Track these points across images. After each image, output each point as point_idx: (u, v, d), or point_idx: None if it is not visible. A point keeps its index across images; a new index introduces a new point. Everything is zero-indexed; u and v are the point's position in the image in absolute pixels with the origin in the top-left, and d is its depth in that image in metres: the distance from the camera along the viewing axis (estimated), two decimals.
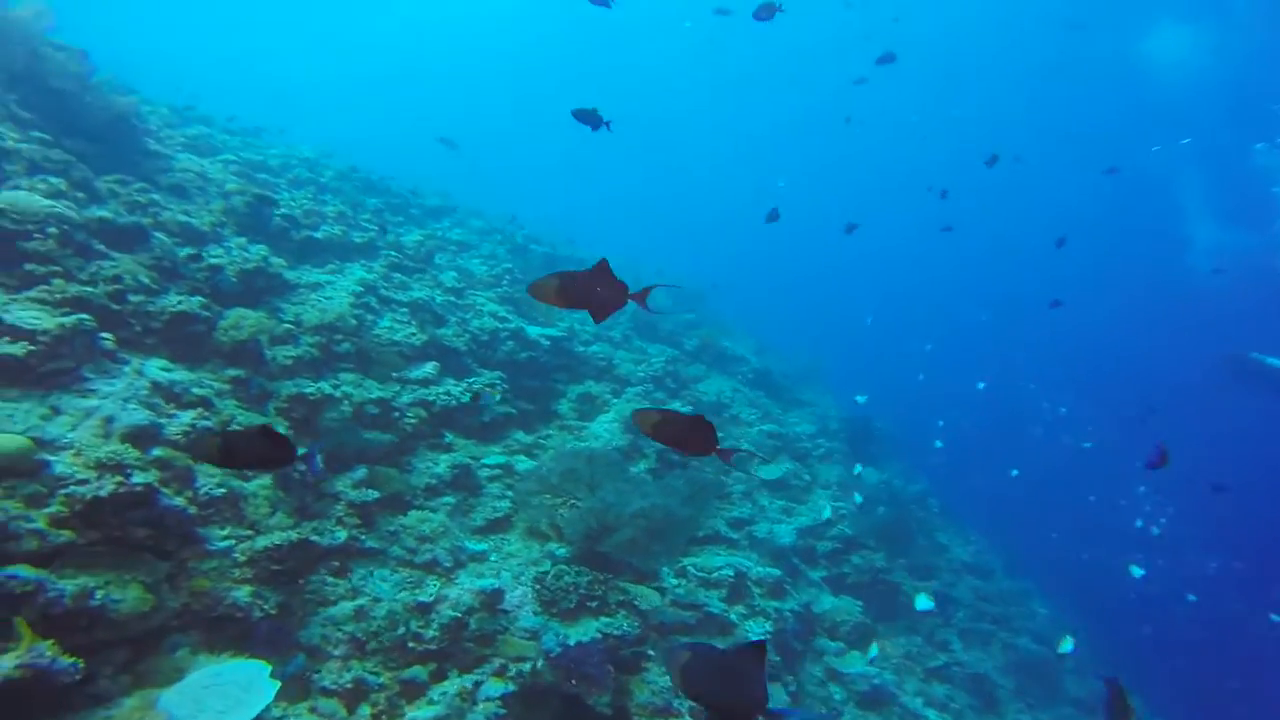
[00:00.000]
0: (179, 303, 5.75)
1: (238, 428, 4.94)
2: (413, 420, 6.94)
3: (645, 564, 6.41)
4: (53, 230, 5.36)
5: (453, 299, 9.84)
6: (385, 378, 7.27)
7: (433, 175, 19.51)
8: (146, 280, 5.75)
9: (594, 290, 2.97)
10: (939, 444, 19.16)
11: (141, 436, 4.41)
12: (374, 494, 5.74)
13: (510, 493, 6.93)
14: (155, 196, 7.19)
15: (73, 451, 4.13)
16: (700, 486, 6.98)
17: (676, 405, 11.38)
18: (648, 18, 39.99)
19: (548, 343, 10.18)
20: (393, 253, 10.07)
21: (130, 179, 7.27)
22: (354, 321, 7.34)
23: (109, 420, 4.40)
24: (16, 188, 5.77)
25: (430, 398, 7.41)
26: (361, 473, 5.92)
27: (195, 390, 5.16)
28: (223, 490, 4.53)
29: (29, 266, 5.14)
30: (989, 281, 45.32)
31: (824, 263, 48.98)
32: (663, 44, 47.48)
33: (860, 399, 16.54)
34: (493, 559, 6.19)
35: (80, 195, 6.29)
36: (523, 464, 7.48)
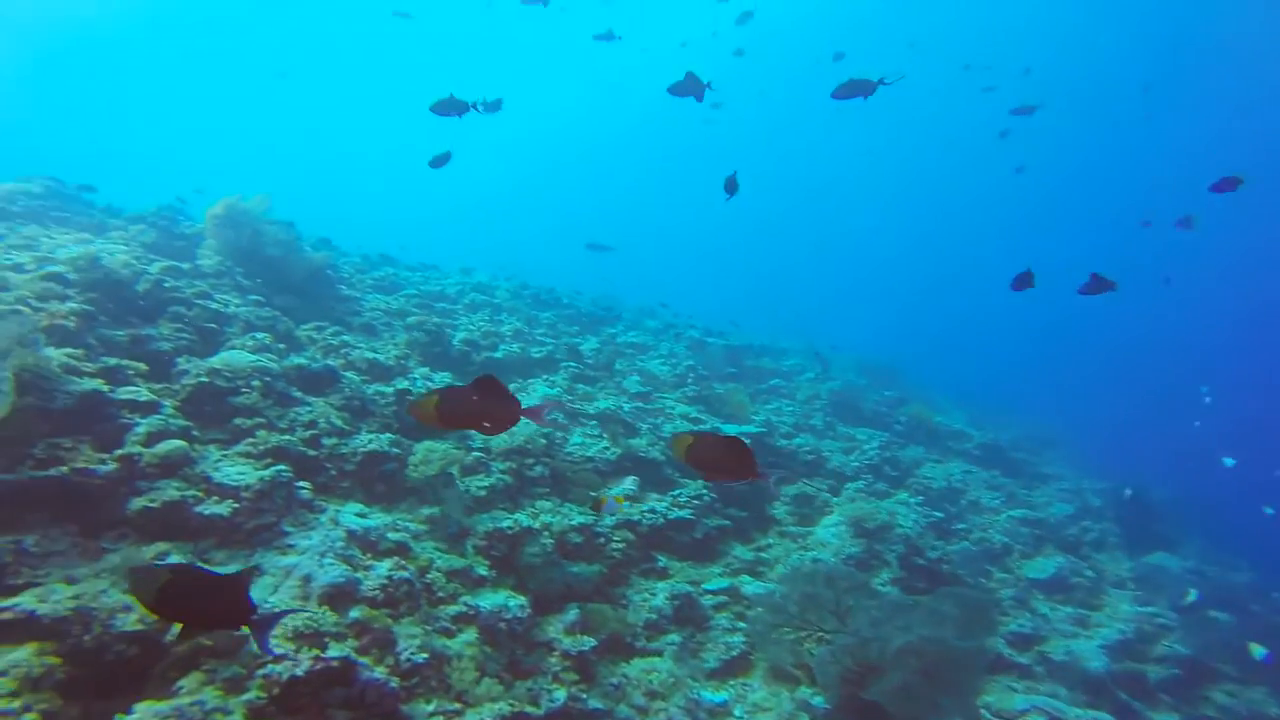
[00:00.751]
0: (370, 442, 5.42)
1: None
2: (619, 545, 6.09)
3: (930, 717, 4.94)
4: (256, 383, 5.26)
5: (640, 405, 9.17)
6: (584, 499, 6.54)
7: (585, 277, 19.81)
8: (339, 422, 5.50)
9: (480, 408, 2.75)
10: (1268, 510, 15.41)
11: (339, 596, 3.86)
12: (590, 641, 4.84)
13: (742, 624, 5.78)
14: (347, 338, 7.21)
15: None
16: (974, 606, 5.45)
17: (904, 495, 9.80)
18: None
19: (749, 441, 9.14)
20: (573, 363, 9.68)
21: (325, 324, 7.38)
22: (544, 441, 6.77)
23: (307, 580, 3.90)
24: (232, 347, 5.86)
25: (634, 517, 6.56)
26: (573, 614, 5.08)
27: (391, 535, 4.65)
28: (425, 655, 3.84)
29: (237, 420, 5.01)
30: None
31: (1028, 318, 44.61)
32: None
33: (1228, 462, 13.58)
34: (737, 713, 5.02)
35: (281, 346, 6.32)
36: (749, 586, 6.33)
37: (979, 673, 5.29)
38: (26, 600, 3.07)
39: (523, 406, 2.84)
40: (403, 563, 4.36)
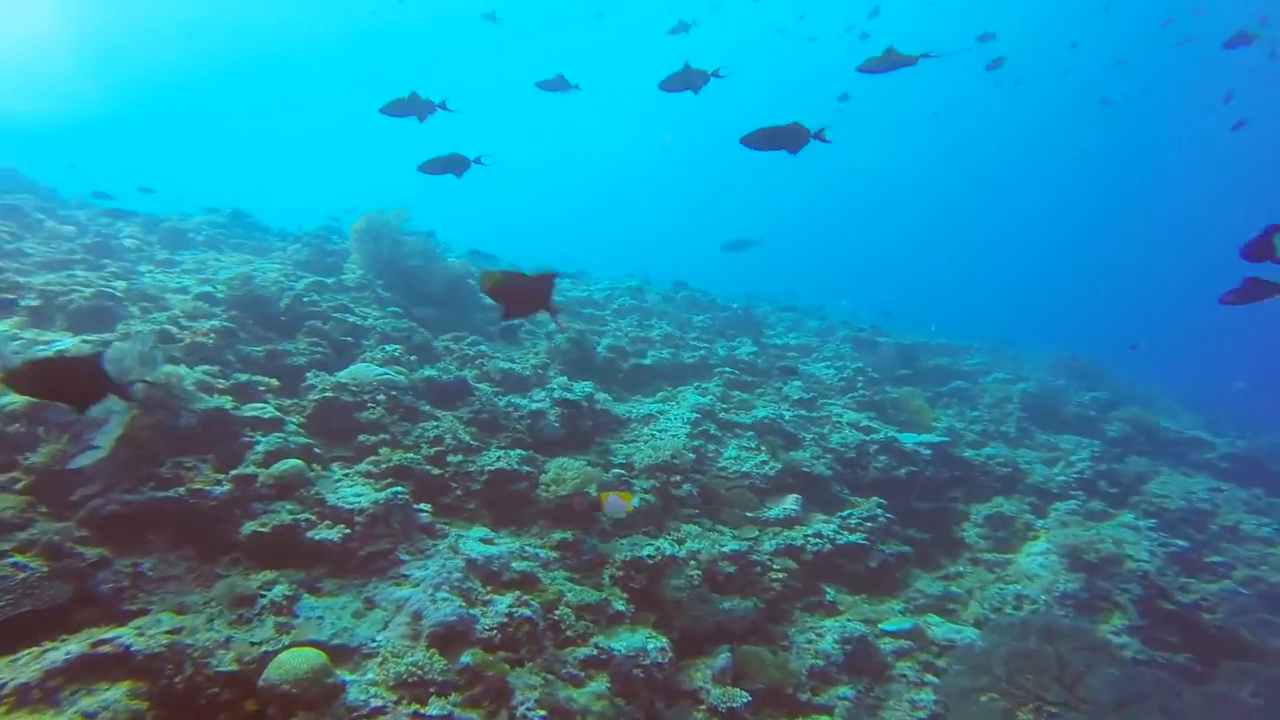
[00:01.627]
0: (498, 459, 5.03)
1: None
2: (779, 574, 5.29)
3: None
4: (381, 398, 5.06)
5: (803, 413, 8.27)
6: (738, 521, 5.81)
7: (722, 275, 18.87)
8: (466, 437, 5.18)
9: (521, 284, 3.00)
10: None
11: (451, 637, 3.44)
12: (742, 695, 4.10)
13: (931, 677, 4.76)
14: (484, 348, 6.99)
15: (378, 662, 3.26)
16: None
17: (1130, 517, 8.10)
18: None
19: (929, 452, 7.96)
20: (729, 369, 8.96)
21: (465, 334, 7.22)
22: (692, 456, 6.12)
23: (418, 616, 3.52)
24: (363, 360, 5.77)
25: (798, 542, 5.72)
26: (724, 658, 4.36)
27: (517, 565, 4.20)
28: (543, 712, 3.30)
29: (361, 437, 4.82)
30: None
31: None
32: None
33: None
34: None
35: (414, 358, 6.16)
36: (938, 628, 5.27)
37: None
38: (126, 634, 2.89)
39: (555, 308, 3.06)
40: (525, 598, 3.87)
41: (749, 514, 5.93)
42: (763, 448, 6.82)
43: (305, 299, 6.13)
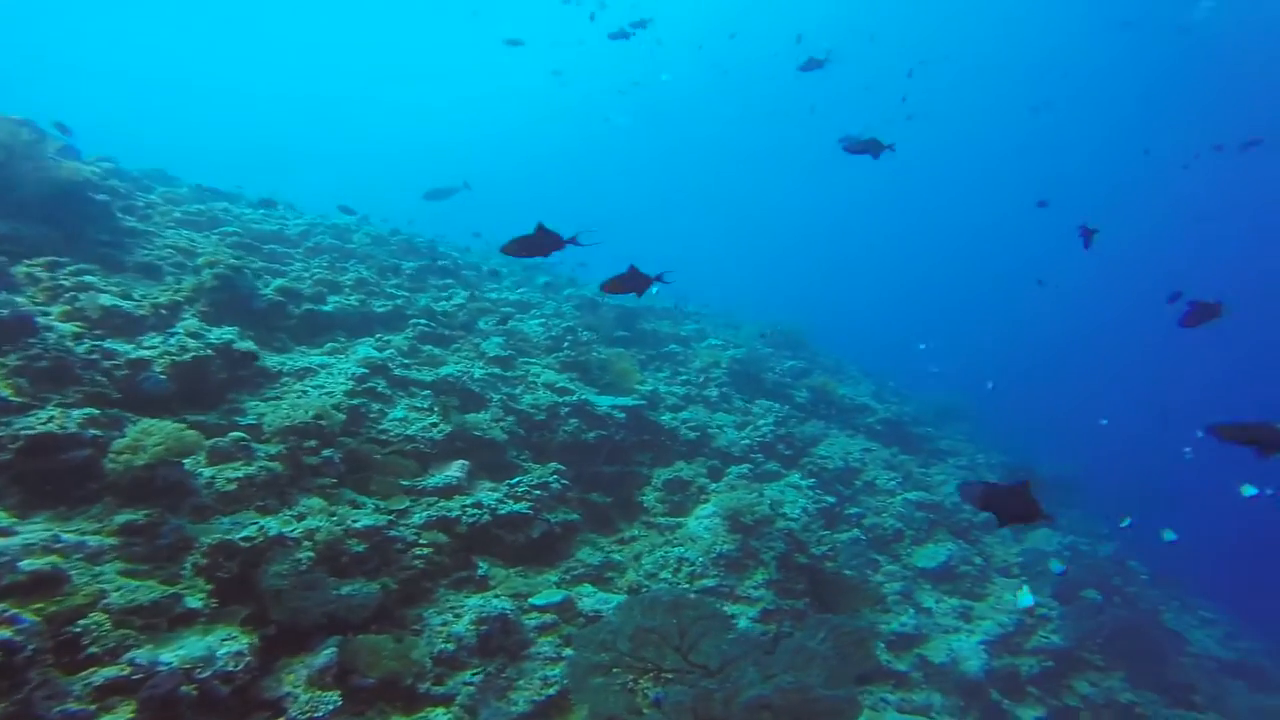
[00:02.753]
0: (47, 421, 3.88)
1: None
2: (425, 550, 4.78)
3: None
4: None
5: (498, 371, 7.81)
6: (390, 491, 5.19)
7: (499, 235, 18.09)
8: (6, 393, 3.94)
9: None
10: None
11: None
12: (332, 699, 3.53)
13: (569, 651, 4.59)
14: (93, 279, 5.54)
15: None
16: (849, 638, 4.42)
17: (796, 477, 8.84)
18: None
19: (623, 415, 7.95)
20: (423, 321, 8.21)
21: (68, 261, 5.68)
22: (342, 416, 5.35)
23: None
24: None
25: (454, 512, 5.25)
26: (327, 654, 3.76)
27: (30, 562, 3.19)
28: None
29: None
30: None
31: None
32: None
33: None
34: None
35: None
36: (589, 599, 5.14)
37: None
38: None
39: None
40: (13, 613, 2.90)
41: (405, 482, 5.34)
42: (435, 409, 6.24)
43: None
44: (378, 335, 7.36)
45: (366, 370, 6.30)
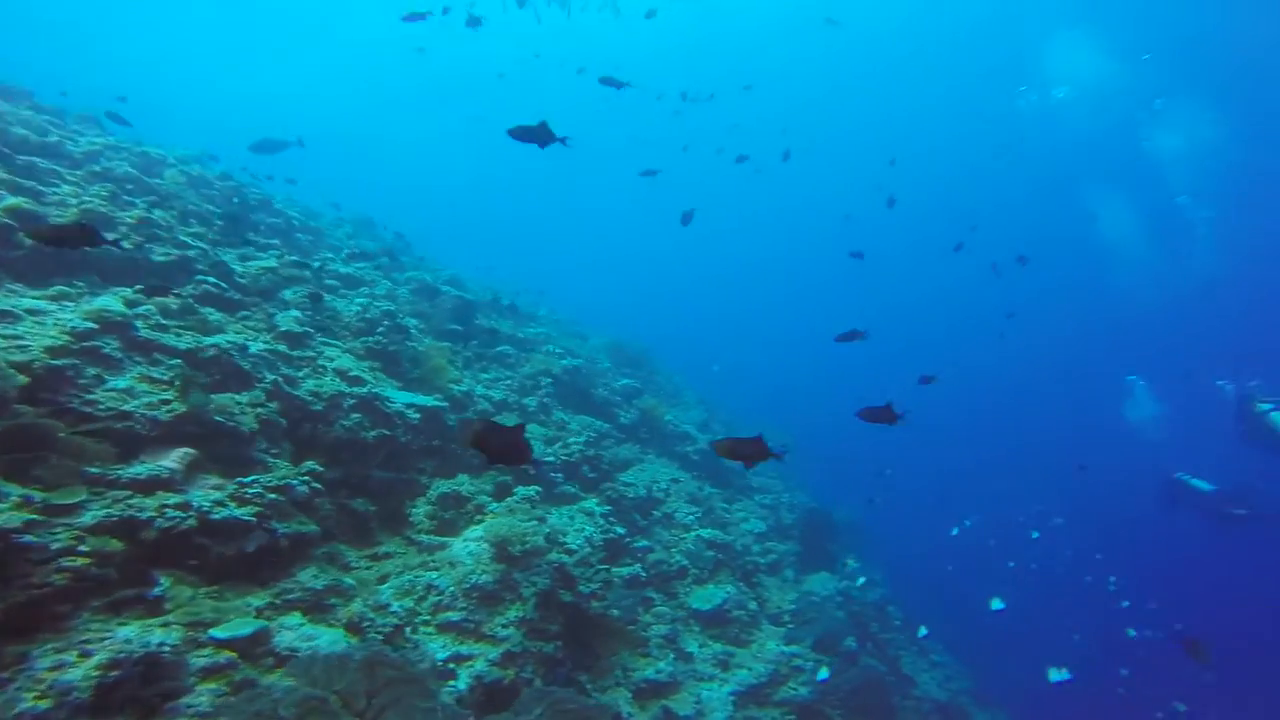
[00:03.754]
0: None
1: None
2: (79, 563, 3.75)
3: None
4: None
5: (283, 348, 6.74)
6: (66, 479, 4.10)
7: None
8: None
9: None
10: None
11: None
12: None
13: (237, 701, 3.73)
14: None
15: None
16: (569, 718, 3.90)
17: (593, 503, 8.34)
18: None
19: (417, 416, 7.12)
20: (212, 279, 6.99)
21: None
22: (23, 379, 4.21)
23: None
24: None
25: (147, 514, 4.24)
26: None
27: None
28: None
29: None
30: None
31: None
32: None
33: None
34: None
35: None
36: (291, 633, 4.29)
37: None
38: None
39: None
40: None
41: (92, 470, 4.27)
42: (176, 383, 5.16)
43: None
44: (139, 287, 6.10)
45: (94, 326, 5.10)
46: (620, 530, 7.89)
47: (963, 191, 40.56)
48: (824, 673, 7.52)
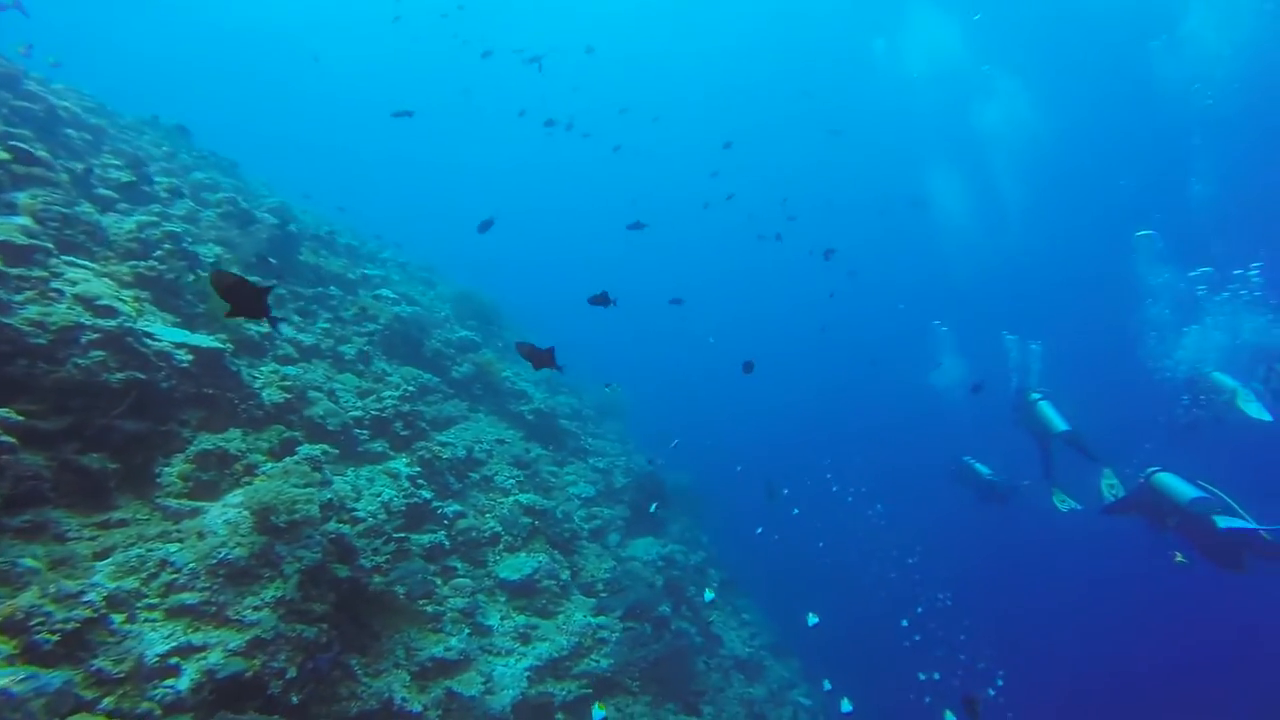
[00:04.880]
0: None
1: None
2: None
3: None
4: None
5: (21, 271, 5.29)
6: None
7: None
8: None
9: None
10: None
11: None
12: None
13: None
14: None
15: None
16: None
17: (401, 463, 7.51)
18: None
19: (189, 357, 5.92)
20: None
21: None
22: None
23: None
24: None
25: None
26: None
27: None
28: None
29: None
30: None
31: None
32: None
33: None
34: None
35: None
36: None
37: None
38: None
39: None
40: None
41: None
42: None
43: None
44: None
45: None
46: (427, 494, 7.16)
47: (793, 169, 40.60)
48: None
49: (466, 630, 6.23)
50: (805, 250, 16.89)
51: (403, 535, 6.29)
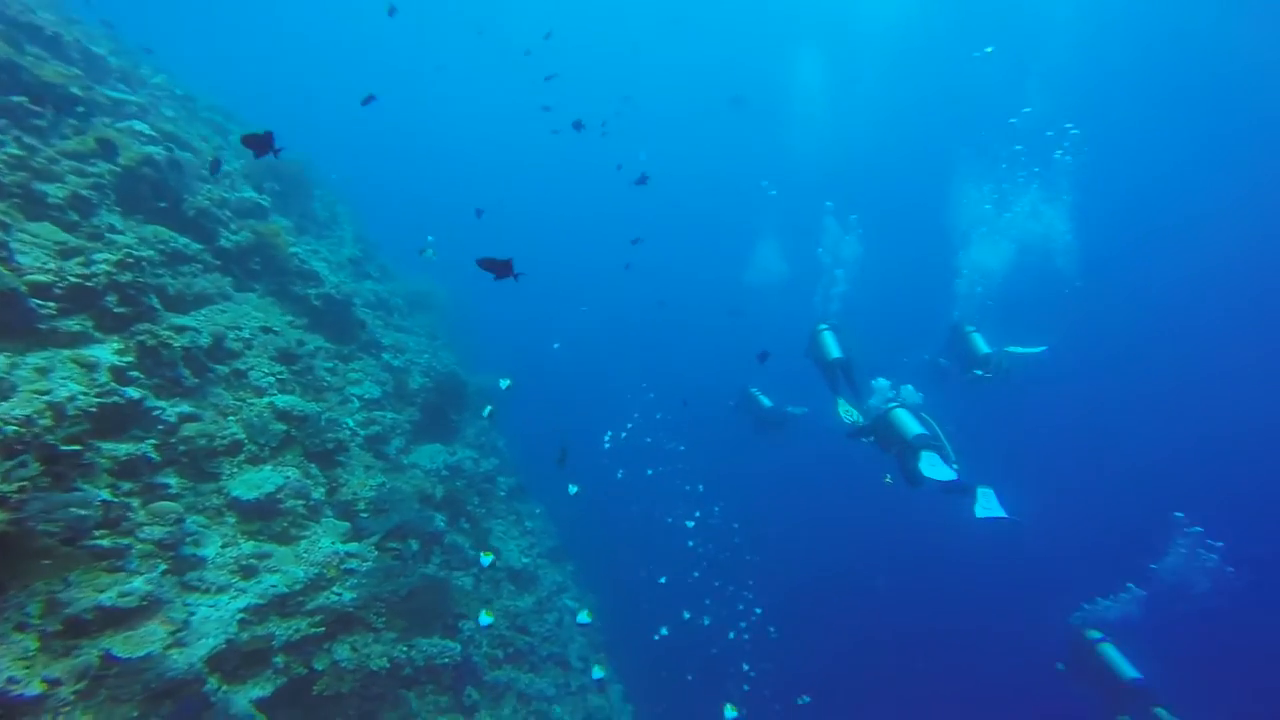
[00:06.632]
0: None
1: None
2: None
3: None
4: None
5: None
6: None
7: None
8: None
9: None
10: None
11: None
12: None
13: None
14: None
15: None
16: None
17: (108, 352, 5.66)
18: None
19: None
20: None
21: None
22: None
23: None
24: None
25: None
26: None
27: None
28: None
29: None
30: None
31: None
32: None
33: None
34: None
35: None
36: None
37: None
38: None
39: None
40: None
41: None
42: None
43: None
44: None
45: None
46: (134, 393, 5.47)
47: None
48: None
49: (163, 566, 4.89)
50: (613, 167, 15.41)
51: (76, 448, 4.68)
